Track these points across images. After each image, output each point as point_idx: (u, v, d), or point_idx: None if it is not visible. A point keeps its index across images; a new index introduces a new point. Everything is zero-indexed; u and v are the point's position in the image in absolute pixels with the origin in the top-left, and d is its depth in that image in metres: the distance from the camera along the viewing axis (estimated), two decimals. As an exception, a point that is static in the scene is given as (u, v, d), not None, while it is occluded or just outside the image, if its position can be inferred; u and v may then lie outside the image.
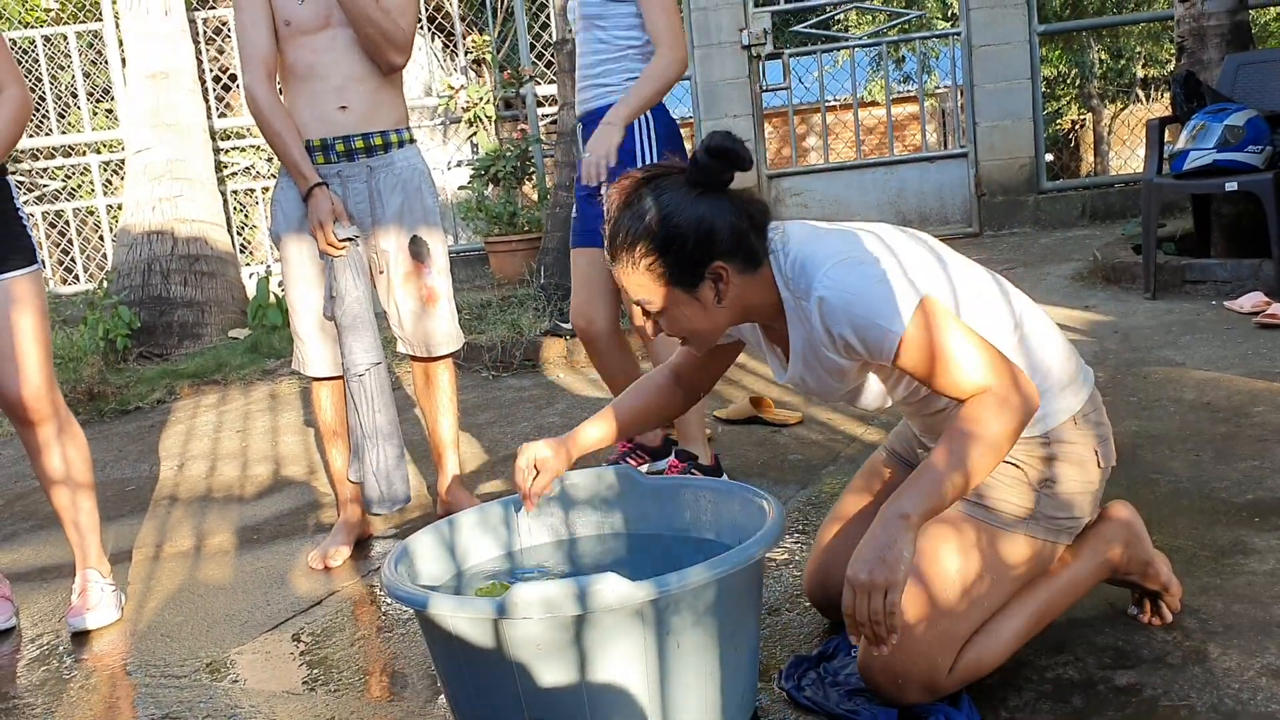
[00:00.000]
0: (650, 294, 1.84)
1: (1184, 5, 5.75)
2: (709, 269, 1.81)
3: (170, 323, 7.08)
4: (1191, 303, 4.91)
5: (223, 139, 8.47)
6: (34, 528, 3.83)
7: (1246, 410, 3.31)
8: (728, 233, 1.82)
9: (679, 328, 1.88)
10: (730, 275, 1.83)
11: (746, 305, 1.89)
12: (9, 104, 2.74)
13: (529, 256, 6.99)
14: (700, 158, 1.81)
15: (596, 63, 3.15)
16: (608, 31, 3.12)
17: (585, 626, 1.63)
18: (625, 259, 1.82)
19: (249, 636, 2.65)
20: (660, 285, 1.82)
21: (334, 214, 2.94)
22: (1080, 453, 1.91)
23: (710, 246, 1.81)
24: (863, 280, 1.76)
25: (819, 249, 1.82)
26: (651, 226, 1.79)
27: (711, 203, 1.82)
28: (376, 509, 3.05)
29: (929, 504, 1.67)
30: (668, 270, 1.81)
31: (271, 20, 2.97)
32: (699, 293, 1.83)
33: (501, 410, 4.64)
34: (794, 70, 8.59)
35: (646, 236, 1.80)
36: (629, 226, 1.81)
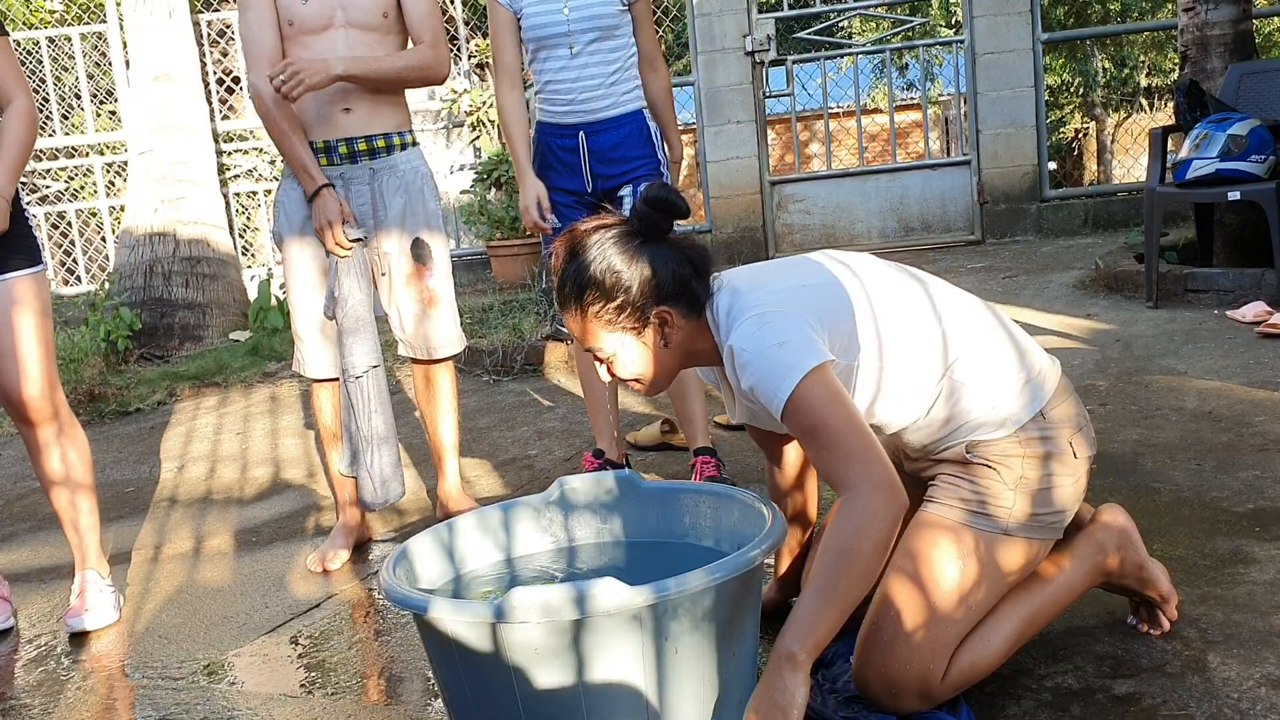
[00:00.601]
0: (599, 341, 1.91)
1: (1188, 14, 5.75)
2: (654, 314, 1.88)
3: (171, 324, 7.08)
4: (1193, 312, 4.90)
5: (225, 141, 8.48)
6: (33, 529, 3.82)
7: (1248, 420, 3.31)
8: (670, 279, 1.89)
9: (629, 371, 1.95)
10: (675, 320, 1.90)
11: (691, 350, 1.95)
12: (19, 114, 2.77)
13: (530, 261, 6.99)
14: (640, 209, 1.89)
15: (611, 73, 3.18)
16: (618, 40, 3.17)
17: (583, 631, 1.62)
18: (573, 308, 1.90)
19: (247, 639, 2.64)
20: (607, 332, 1.90)
21: (342, 215, 2.94)
22: (1057, 446, 1.91)
23: (654, 293, 1.88)
24: (766, 338, 1.79)
25: (745, 299, 1.87)
26: (596, 276, 1.87)
27: (653, 250, 1.89)
28: (371, 507, 3.07)
29: (813, 639, 1.67)
30: (614, 317, 1.88)
31: (277, 20, 2.97)
32: (645, 338, 1.91)
33: (502, 414, 4.64)
34: (797, 77, 8.60)
35: (592, 285, 1.87)
36: (574, 277, 1.89)
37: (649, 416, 4.15)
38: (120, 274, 7.27)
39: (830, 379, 1.77)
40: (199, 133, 7.70)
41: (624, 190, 3.23)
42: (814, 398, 1.74)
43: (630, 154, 3.23)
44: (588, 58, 3.16)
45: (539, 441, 4.13)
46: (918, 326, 1.92)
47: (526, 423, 4.45)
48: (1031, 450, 1.90)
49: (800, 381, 1.74)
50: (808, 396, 1.74)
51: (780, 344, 1.78)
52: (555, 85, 3.20)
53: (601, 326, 1.89)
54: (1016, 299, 5.55)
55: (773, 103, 8.67)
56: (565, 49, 3.14)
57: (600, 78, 3.18)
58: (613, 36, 3.16)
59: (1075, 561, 1.98)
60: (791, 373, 1.75)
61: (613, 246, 1.88)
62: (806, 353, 1.77)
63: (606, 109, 3.20)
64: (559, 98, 3.21)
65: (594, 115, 3.21)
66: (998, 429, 1.90)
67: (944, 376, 1.90)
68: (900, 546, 1.91)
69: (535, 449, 4.04)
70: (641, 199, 1.89)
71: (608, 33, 3.14)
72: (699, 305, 1.92)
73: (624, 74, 3.21)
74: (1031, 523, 1.89)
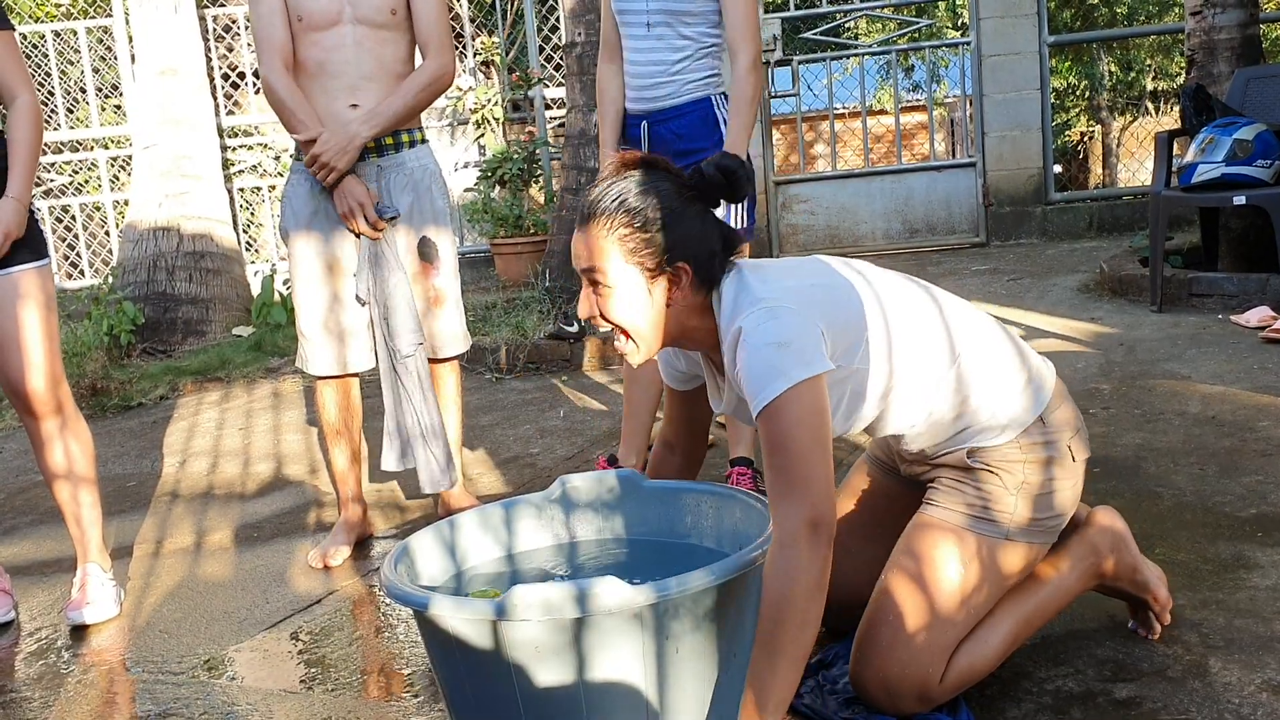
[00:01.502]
0: (607, 265, 1.83)
1: (1195, 18, 5.74)
2: (673, 265, 1.83)
3: (175, 319, 7.08)
4: (1198, 316, 4.90)
5: (230, 136, 8.47)
6: (34, 522, 3.83)
7: (1252, 425, 3.30)
8: (702, 243, 1.85)
9: (620, 314, 1.85)
10: (686, 282, 1.85)
11: (686, 324, 1.89)
12: (25, 114, 2.78)
13: (534, 259, 6.99)
14: (708, 169, 1.85)
15: (678, 60, 3.05)
16: (693, 28, 3.04)
17: (584, 629, 1.62)
18: (603, 222, 1.83)
19: (247, 634, 2.64)
20: (622, 261, 1.82)
21: (370, 196, 2.95)
22: (1055, 450, 1.91)
23: (684, 246, 1.83)
24: (769, 333, 1.76)
25: (755, 289, 1.84)
26: (641, 201, 1.82)
27: (699, 211, 1.86)
28: (426, 491, 3.10)
29: (775, 697, 1.66)
30: (636, 248, 1.82)
31: (287, 12, 2.97)
32: (654, 285, 1.84)
33: (505, 412, 4.63)
34: (803, 77, 8.59)
35: (634, 208, 1.82)
36: (619, 194, 1.83)
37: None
38: (124, 268, 7.28)
39: (816, 395, 1.73)
40: (204, 128, 7.70)
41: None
42: (790, 414, 1.71)
43: (694, 144, 3.07)
44: (657, 40, 3.05)
45: (541, 440, 4.13)
46: (924, 325, 1.91)
47: (529, 421, 4.44)
48: (1033, 455, 1.90)
49: (785, 391, 1.71)
50: (786, 409, 1.71)
51: (781, 344, 1.75)
52: (631, 67, 3.12)
53: (619, 252, 1.82)
54: (1021, 302, 5.54)
55: (778, 102, 8.66)
56: (644, 27, 3.06)
57: (665, 64, 3.05)
58: (685, 23, 3.03)
59: (1070, 564, 1.97)
60: (780, 379, 1.72)
61: (668, 185, 1.85)
62: (803, 361, 1.74)
63: (667, 97, 3.08)
64: (632, 80, 3.12)
65: (656, 104, 3.09)
66: (1001, 433, 1.90)
67: (952, 366, 1.90)
68: (900, 547, 1.91)
69: (537, 447, 4.04)
70: (713, 162, 1.85)
71: (681, 17, 3.02)
72: (711, 283, 1.88)
73: (693, 62, 3.06)
74: (1032, 526, 1.89)
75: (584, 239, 1.85)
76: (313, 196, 3.03)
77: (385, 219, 2.95)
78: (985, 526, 1.87)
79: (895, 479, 2.14)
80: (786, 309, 1.79)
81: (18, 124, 2.77)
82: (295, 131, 2.97)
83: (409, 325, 2.99)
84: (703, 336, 1.92)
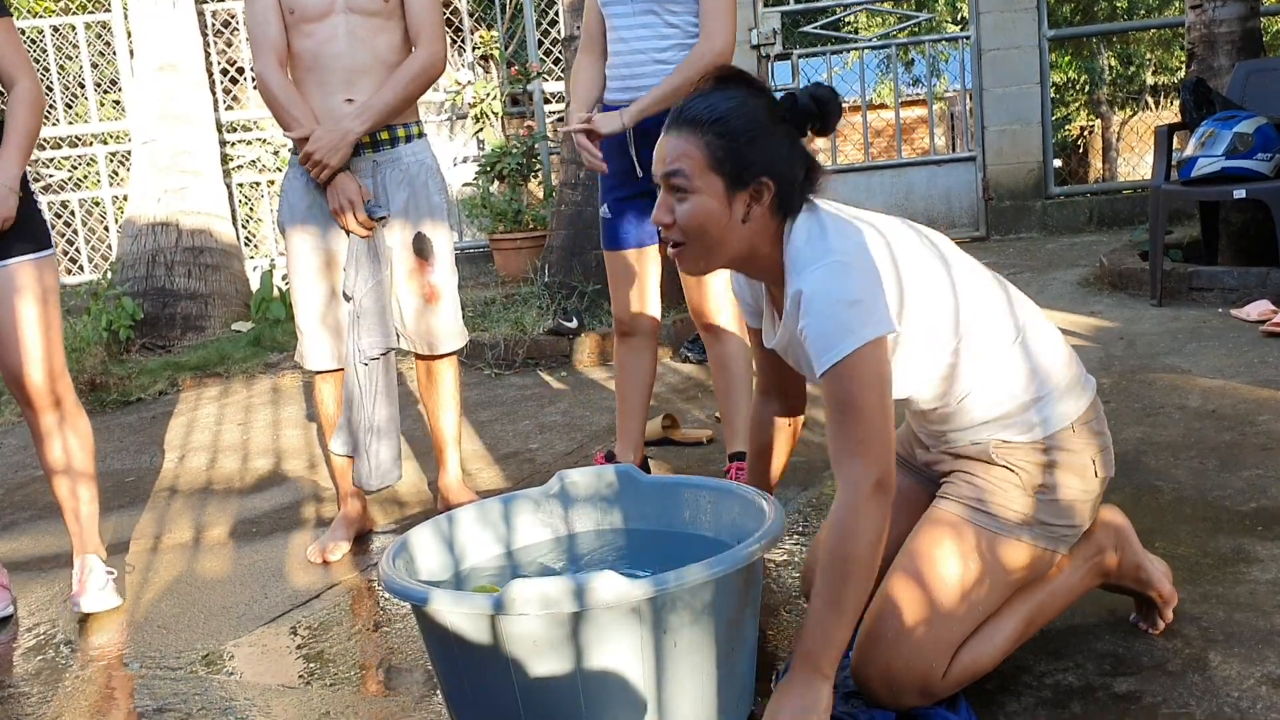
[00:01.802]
0: (692, 170, 1.82)
1: (1195, 12, 5.73)
2: (756, 180, 1.82)
3: (173, 314, 7.08)
4: (1198, 310, 4.89)
5: (229, 131, 8.46)
6: (33, 517, 3.82)
7: (1251, 419, 3.30)
8: (787, 165, 1.84)
9: (689, 218, 1.83)
10: (767, 200, 1.83)
11: (756, 248, 1.87)
12: (24, 100, 2.76)
13: (533, 254, 6.97)
14: (801, 97, 1.85)
15: (664, 48, 2.99)
16: (679, 16, 2.99)
17: (582, 623, 1.62)
18: (690, 129, 1.82)
19: (246, 629, 2.64)
20: (706, 166, 1.81)
21: (362, 194, 2.94)
22: (1079, 460, 1.89)
23: (769, 163, 1.82)
24: (842, 290, 1.74)
25: (830, 239, 1.81)
26: (735, 112, 1.81)
27: (788, 133, 1.86)
28: (366, 489, 3.05)
29: (833, 650, 1.71)
30: (724, 156, 1.81)
31: (280, 9, 2.96)
32: (734, 197, 1.82)
33: (504, 408, 4.63)
34: (803, 71, 8.58)
35: (726, 118, 1.81)
36: (714, 102, 1.83)
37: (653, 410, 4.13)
38: (123, 263, 7.27)
39: (882, 356, 1.74)
40: (203, 123, 7.68)
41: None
42: (858, 373, 1.72)
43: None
44: (643, 29, 3.00)
45: (540, 435, 4.13)
46: (991, 300, 1.90)
47: (528, 416, 4.44)
48: (1054, 459, 1.88)
49: (855, 351, 1.71)
50: (854, 369, 1.72)
51: (852, 302, 1.73)
52: (614, 58, 3.06)
53: (705, 159, 1.81)
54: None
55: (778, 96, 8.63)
56: (629, 15, 3.00)
57: (653, 52, 3.00)
58: (670, 10, 2.98)
59: (1075, 561, 1.96)
60: (850, 338, 1.72)
61: (762, 103, 1.84)
62: (873, 320, 1.73)
63: (653, 85, 2.98)
64: (615, 70, 3.06)
65: (640, 92, 3.00)
66: (1032, 429, 1.88)
67: (1014, 344, 1.89)
68: (909, 543, 1.89)
69: (536, 443, 4.04)
70: (808, 91, 1.85)
71: (664, 4, 2.97)
72: (788, 211, 1.86)
73: (679, 52, 2.99)
74: (1040, 530, 1.87)
75: (671, 143, 1.85)
76: (309, 192, 3.02)
77: (375, 218, 2.94)
78: (993, 523, 1.86)
79: (911, 476, 2.12)
80: (857, 266, 1.77)
81: (15, 108, 2.76)
82: (289, 129, 2.96)
83: (380, 330, 2.97)
84: (769, 266, 1.90)
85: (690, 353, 5.11)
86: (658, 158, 1.87)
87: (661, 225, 1.88)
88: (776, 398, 2.20)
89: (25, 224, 2.76)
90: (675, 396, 4.49)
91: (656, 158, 1.87)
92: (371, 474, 3.01)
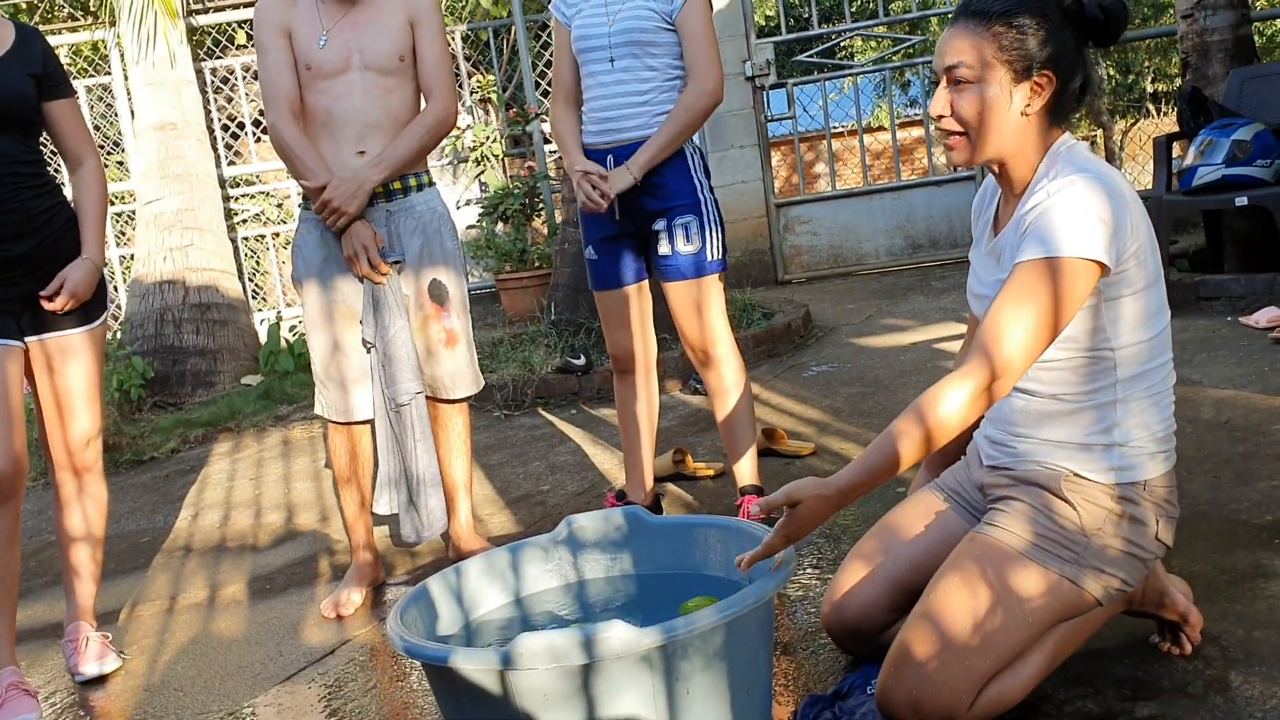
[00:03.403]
0: (977, 60, 1.86)
1: (1186, 21, 5.74)
2: (1040, 72, 1.86)
3: (183, 371, 7.10)
4: (1206, 320, 4.87)
5: (233, 186, 8.52)
6: (48, 584, 3.82)
7: (1265, 429, 3.27)
8: (1071, 64, 1.88)
9: (972, 109, 1.88)
10: (1047, 94, 1.87)
11: (1021, 145, 1.91)
12: (94, 177, 2.95)
13: (539, 293, 6.99)
14: (1090, 5, 1.89)
15: (646, 90, 3.01)
16: (658, 59, 3.01)
17: (592, 675, 1.61)
18: (981, 20, 1.87)
19: (262, 688, 2.63)
20: (993, 58, 1.85)
21: (377, 241, 2.95)
22: (1144, 517, 1.87)
23: (1054, 59, 1.86)
24: (1097, 204, 1.78)
25: (1097, 165, 1.86)
26: (1028, 5, 1.85)
27: (1075, 35, 1.90)
28: (410, 541, 3.07)
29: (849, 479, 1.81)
30: (1011, 48, 1.85)
31: (294, 64, 2.99)
32: (1016, 88, 1.87)
33: (514, 450, 4.62)
34: (798, 99, 8.61)
35: (1014, 9, 1.85)
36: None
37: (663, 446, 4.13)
38: (131, 323, 7.30)
39: (1088, 284, 1.77)
40: (206, 179, 7.74)
41: (659, 224, 3.04)
42: (1058, 281, 1.75)
43: (666, 184, 3.02)
44: (623, 73, 3.01)
45: (551, 476, 4.12)
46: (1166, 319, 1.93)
47: (538, 458, 4.43)
48: (1120, 508, 1.87)
49: (1075, 258, 1.75)
50: (1060, 273, 1.75)
51: (1100, 220, 1.77)
52: (593, 101, 3.07)
53: (991, 49, 1.86)
54: (1027, 313, 5.51)
55: (775, 125, 8.67)
56: (606, 61, 3.01)
57: (634, 95, 3.01)
58: (650, 54, 3.00)
59: None
60: (1079, 243, 1.75)
61: (1051, 5, 1.87)
62: (1102, 246, 1.76)
63: (636, 128, 3.00)
64: (595, 114, 3.07)
65: (624, 135, 3.02)
66: (1106, 472, 1.87)
67: (1164, 373, 1.91)
68: (953, 566, 1.86)
69: (548, 484, 4.03)
70: (1097, 3, 1.89)
71: (645, 48, 2.99)
72: (1058, 115, 1.91)
73: (659, 94, 3.01)
74: (1091, 577, 1.85)
75: (957, 33, 1.90)
76: (323, 244, 3.04)
77: (389, 262, 2.96)
78: (1049, 559, 1.84)
79: (963, 511, 2.10)
80: (1115, 197, 1.80)
81: (88, 187, 2.93)
82: (304, 179, 2.98)
83: (407, 374, 2.97)
84: (1022, 170, 1.93)
85: (699, 385, 5.10)
86: (941, 50, 1.92)
87: (937, 117, 1.93)
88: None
89: (94, 293, 2.91)
90: (685, 429, 4.48)
91: (940, 50, 1.93)
92: (424, 526, 3.02)
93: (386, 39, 3.01)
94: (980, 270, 2.05)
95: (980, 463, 2.07)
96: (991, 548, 1.86)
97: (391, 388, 2.97)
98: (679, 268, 3.04)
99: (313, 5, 3.01)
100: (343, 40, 2.98)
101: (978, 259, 2.08)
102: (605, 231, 3.11)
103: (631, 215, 3.06)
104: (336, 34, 2.98)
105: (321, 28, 2.99)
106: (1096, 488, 1.87)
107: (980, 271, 2.05)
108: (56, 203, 2.85)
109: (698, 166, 3.08)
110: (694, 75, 2.99)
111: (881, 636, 2.07)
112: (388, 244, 3.01)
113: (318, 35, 2.98)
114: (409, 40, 3.04)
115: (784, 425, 4.16)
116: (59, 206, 2.86)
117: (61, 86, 2.89)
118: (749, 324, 5.95)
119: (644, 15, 2.97)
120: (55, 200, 2.85)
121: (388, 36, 3.01)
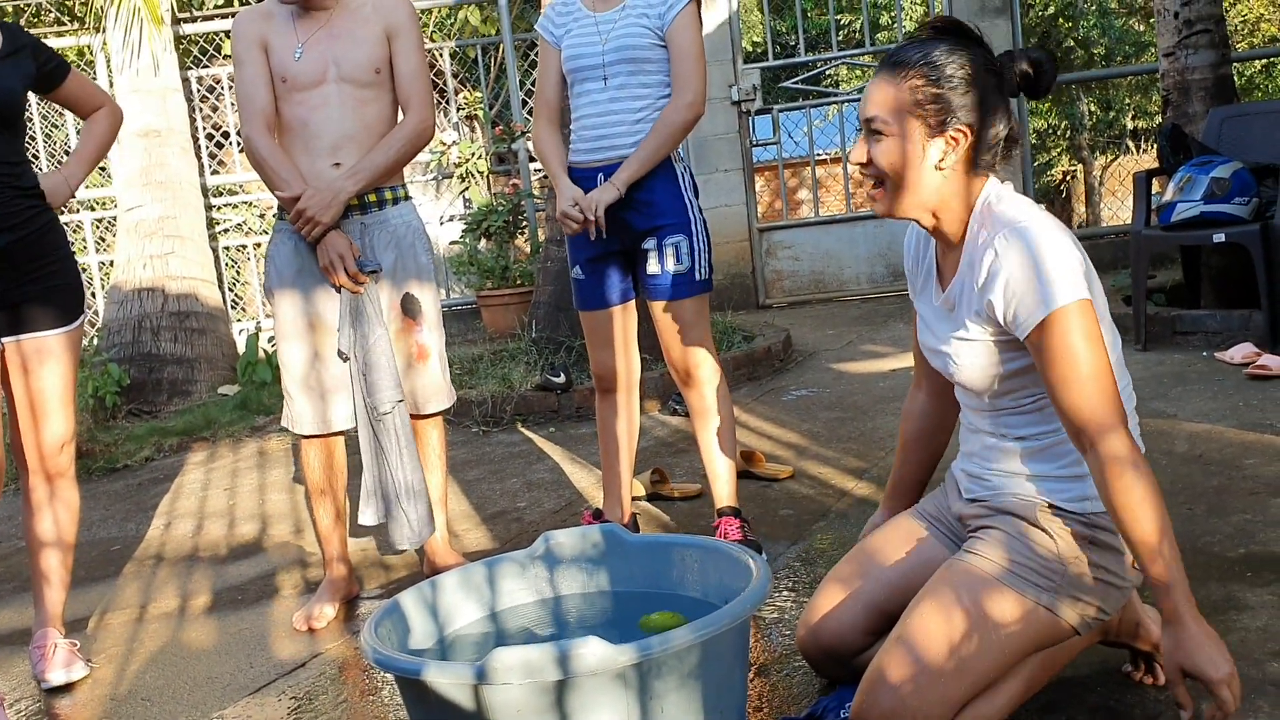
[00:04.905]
0: (892, 113, 1.87)
1: (1168, 60, 5.81)
2: (955, 127, 1.85)
3: (160, 380, 7.06)
4: (1182, 354, 4.91)
5: (215, 195, 8.49)
6: (16, 590, 3.78)
7: (1238, 463, 3.30)
8: (988, 122, 1.87)
9: (887, 160, 1.89)
10: (963, 148, 1.87)
11: (944, 198, 1.90)
12: (105, 116, 3.04)
13: (521, 310, 6.99)
14: (1018, 56, 1.89)
15: (640, 109, 3.00)
16: (652, 76, 3.01)
17: (567, 691, 1.60)
18: (899, 71, 1.87)
19: (231, 700, 2.61)
20: (905, 111, 1.86)
21: (352, 250, 2.94)
22: (1119, 545, 1.88)
23: (970, 112, 1.86)
24: (1057, 245, 1.78)
25: (1029, 209, 1.86)
26: (944, 59, 1.86)
27: (996, 88, 1.89)
28: (401, 548, 3.05)
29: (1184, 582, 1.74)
30: (922, 101, 1.85)
31: (270, 76, 2.99)
32: (930, 142, 1.86)
33: (491, 466, 4.61)
34: (783, 125, 8.66)
35: (934, 64, 1.85)
36: (928, 49, 1.87)
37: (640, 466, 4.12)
38: (109, 329, 7.26)
39: (1094, 319, 1.78)
40: (188, 188, 7.71)
41: (648, 242, 3.04)
42: (1083, 325, 1.75)
43: (656, 201, 3.01)
44: (617, 91, 3.00)
45: (528, 493, 4.11)
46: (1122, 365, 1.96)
47: (516, 474, 4.42)
48: (1095, 536, 1.87)
49: (1080, 300, 1.75)
50: (1080, 318, 1.75)
51: (1073, 267, 1.77)
52: (585, 120, 3.05)
53: (906, 103, 1.86)
54: (1005, 343, 5.54)
55: (759, 150, 8.72)
56: (599, 81, 3.01)
57: (629, 114, 3.00)
58: (644, 71, 3.00)
59: None
60: (1075, 289, 1.75)
61: (973, 59, 1.87)
62: (1085, 285, 1.78)
63: (630, 146, 2.99)
64: (587, 133, 3.05)
65: (617, 153, 3.01)
66: (1081, 501, 1.88)
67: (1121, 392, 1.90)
68: (930, 591, 1.87)
69: (524, 501, 4.02)
70: (1027, 54, 1.89)
71: (639, 65, 2.99)
72: (981, 165, 1.90)
73: (654, 112, 3.00)
74: (1068, 605, 1.85)
75: (877, 84, 1.90)
76: (297, 255, 3.03)
77: (366, 272, 2.95)
78: (1026, 586, 1.84)
79: (943, 538, 2.10)
80: (1061, 231, 1.81)
81: (95, 121, 3.02)
82: (278, 189, 2.97)
83: (388, 383, 2.96)
84: (951, 223, 1.93)
85: (678, 405, 5.10)
86: (863, 100, 1.93)
87: (859, 165, 1.94)
88: (924, 390, 2.26)
89: (66, 293, 2.90)
90: (664, 450, 4.48)
91: (863, 101, 1.93)
92: (410, 535, 2.99)
93: (363, 51, 3.01)
94: (933, 323, 2.04)
95: (959, 495, 2.08)
96: (969, 574, 1.86)
97: (373, 396, 2.96)
98: (667, 287, 3.04)
99: (289, 18, 3.01)
100: (319, 52, 2.98)
101: (927, 310, 2.07)
102: (592, 251, 3.10)
103: (619, 232, 3.05)
104: (313, 46, 2.98)
105: (297, 40, 2.99)
106: (1072, 517, 1.88)
107: (933, 325, 2.04)
108: (37, 204, 2.84)
109: (688, 185, 3.09)
110: (677, 88, 2.99)
111: (857, 660, 2.07)
112: (363, 253, 3.00)
113: (293, 48, 2.98)
114: (385, 52, 3.04)
115: (762, 448, 4.17)
116: (40, 209, 2.84)
117: (58, 69, 2.92)
118: (730, 347, 5.97)
119: (638, 32, 2.97)
120: (36, 202, 2.83)
121: (364, 48, 3.01)
